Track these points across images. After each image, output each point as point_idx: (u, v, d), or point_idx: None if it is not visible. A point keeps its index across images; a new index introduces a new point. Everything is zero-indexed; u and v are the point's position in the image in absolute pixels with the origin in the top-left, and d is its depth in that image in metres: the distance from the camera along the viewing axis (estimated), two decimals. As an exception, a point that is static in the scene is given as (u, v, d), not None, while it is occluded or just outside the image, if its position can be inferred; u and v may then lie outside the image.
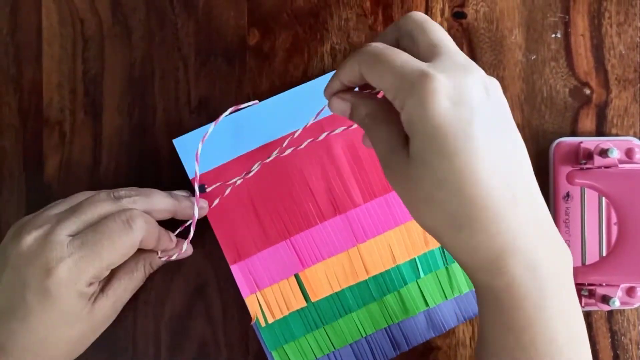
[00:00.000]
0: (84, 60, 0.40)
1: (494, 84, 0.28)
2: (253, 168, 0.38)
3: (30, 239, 0.32)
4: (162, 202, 0.35)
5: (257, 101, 0.38)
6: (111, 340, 0.39)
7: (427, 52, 0.28)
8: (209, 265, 0.40)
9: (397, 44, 0.30)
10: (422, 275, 0.39)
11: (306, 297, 0.39)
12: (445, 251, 0.39)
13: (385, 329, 0.39)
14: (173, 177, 0.39)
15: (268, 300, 0.39)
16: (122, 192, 0.35)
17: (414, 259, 0.39)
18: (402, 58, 0.27)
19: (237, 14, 0.40)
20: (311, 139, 0.39)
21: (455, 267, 0.40)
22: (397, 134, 0.28)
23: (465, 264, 0.28)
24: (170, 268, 0.39)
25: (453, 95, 0.26)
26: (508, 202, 0.26)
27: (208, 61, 0.40)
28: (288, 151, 0.38)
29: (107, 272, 0.33)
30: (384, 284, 0.39)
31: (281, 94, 0.39)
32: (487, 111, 0.26)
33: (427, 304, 0.39)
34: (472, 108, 0.26)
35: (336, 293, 0.39)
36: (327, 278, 0.39)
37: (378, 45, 0.28)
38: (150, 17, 0.40)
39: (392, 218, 0.39)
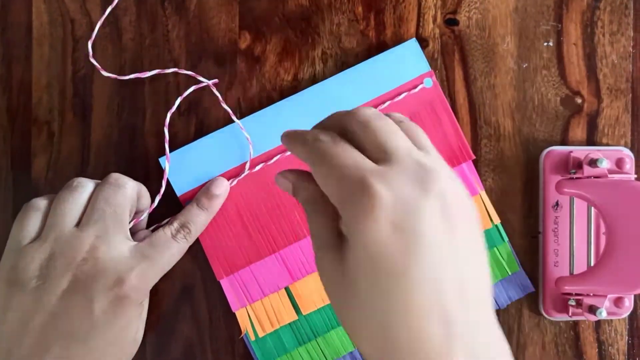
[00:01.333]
0: (73, 60, 0.40)
1: (460, 192, 0.24)
2: (239, 177, 0.38)
3: (84, 262, 0.33)
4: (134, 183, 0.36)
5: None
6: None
7: (376, 155, 0.24)
8: (196, 266, 0.39)
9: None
10: None
11: (297, 310, 0.39)
12: None
13: None
14: (160, 180, 0.39)
15: (258, 314, 0.39)
16: (114, 175, 0.35)
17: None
18: (346, 161, 0.24)
19: (228, 17, 0.40)
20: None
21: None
22: (332, 231, 0.25)
23: None
24: (157, 270, 0.39)
25: (395, 218, 0.22)
26: (441, 345, 0.23)
27: (198, 64, 0.40)
28: (274, 159, 0.38)
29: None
30: None
31: (268, 107, 0.39)
32: (440, 238, 0.23)
33: None
34: (417, 235, 0.22)
35: (327, 305, 0.39)
36: (317, 290, 0.39)
37: (324, 141, 0.25)
38: (141, 18, 0.40)
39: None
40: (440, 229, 0.23)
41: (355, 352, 0.39)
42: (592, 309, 0.37)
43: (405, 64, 0.39)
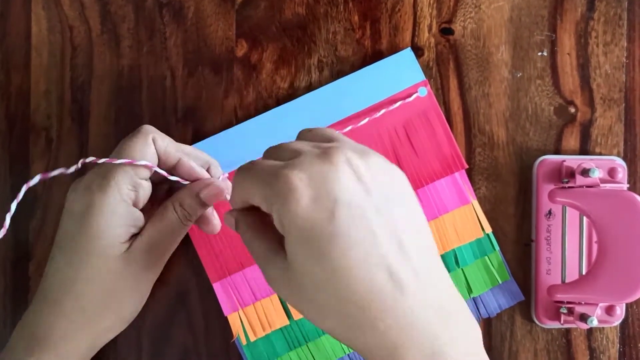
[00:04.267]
0: (72, 67, 0.40)
1: (370, 160, 0.26)
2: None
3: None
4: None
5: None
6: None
7: (287, 157, 0.27)
8: (191, 272, 0.40)
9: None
10: None
11: (289, 315, 0.39)
12: None
13: None
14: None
15: (250, 318, 0.39)
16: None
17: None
18: (262, 166, 0.27)
19: (225, 25, 0.40)
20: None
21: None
22: (270, 244, 0.27)
23: (363, 353, 0.26)
24: (154, 276, 0.39)
25: (312, 192, 0.25)
26: (392, 294, 0.25)
27: (195, 71, 0.40)
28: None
29: (143, 184, 0.34)
30: None
31: (263, 114, 0.40)
32: (358, 197, 0.25)
33: None
34: (335, 200, 0.25)
35: None
36: None
37: (242, 165, 0.28)
38: (139, 26, 0.40)
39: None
40: (357, 190, 0.25)
41: (344, 357, 0.39)
42: (584, 317, 0.38)
43: (400, 72, 0.40)
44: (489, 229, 0.40)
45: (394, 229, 0.25)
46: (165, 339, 0.40)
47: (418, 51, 0.40)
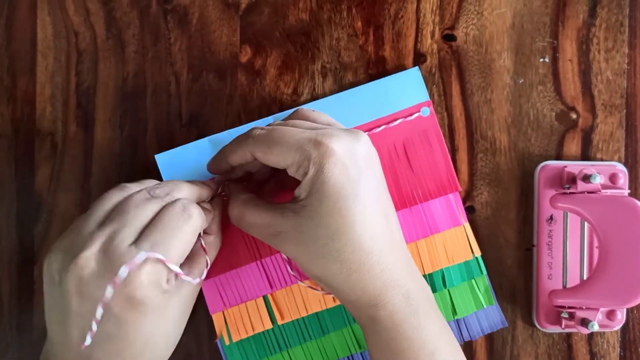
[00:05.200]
0: (77, 72, 0.40)
1: (373, 147, 0.33)
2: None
3: (89, 261, 0.29)
4: (191, 190, 0.35)
5: None
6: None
7: (314, 128, 0.33)
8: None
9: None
10: None
11: (273, 320, 0.39)
12: None
13: (348, 357, 0.40)
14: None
15: (234, 319, 0.39)
16: (158, 190, 0.33)
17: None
18: (294, 134, 0.31)
19: (229, 31, 0.41)
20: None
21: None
22: (271, 210, 0.33)
23: (354, 302, 0.33)
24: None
25: (344, 158, 0.31)
26: (386, 247, 0.32)
27: (200, 77, 0.41)
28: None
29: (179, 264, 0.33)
30: (349, 313, 0.40)
31: (265, 118, 0.40)
32: (370, 172, 0.32)
33: None
34: (360, 169, 0.31)
35: (303, 318, 0.39)
36: (294, 302, 0.39)
37: (268, 129, 0.32)
38: (144, 32, 0.41)
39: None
40: (373, 162, 0.33)
41: None
42: (585, 322, 0.38)
43: (405, 90, 0.40)
44: (478, 253, 0.40)
45: (386, 202, 0.33)
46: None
47: (421, 57, 0.41)
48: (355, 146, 0.32)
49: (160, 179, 0.39)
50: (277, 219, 0.32)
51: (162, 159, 0.39)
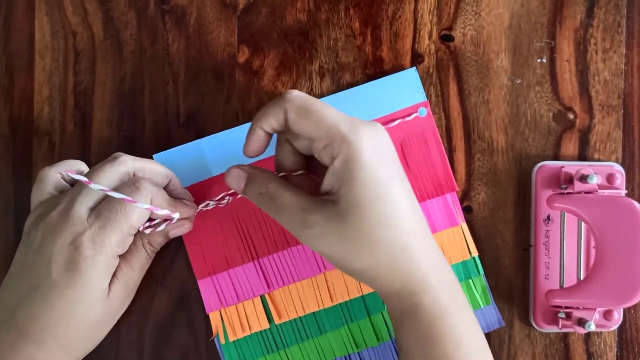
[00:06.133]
0: (75, 72, 0.40)
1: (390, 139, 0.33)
2: (228, 197, 0.39)
3: (53, 216, 0.33)
4: (159, 166, 0.36)
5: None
6: (95, 348, 0.39)
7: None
8: (192, 275, 0.40)
9: None
10: (386, 307, 0.40)
11: (270, 319, 0.39)
12: None
13: (345, 357, 0.40)
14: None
15: (231, 318, 0.39)
16: (121, 157, 0.35)
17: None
18: (332, 111, 0.31)
19: (227, 32, 0.41)
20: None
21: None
22: (305, 197, 0.32)
23: (398, 291, 0.32)
24: (154, 278, 0.40)
25: (375, 146, 0.31)
26: (423, 231, 0.32)
27: (197, 77, 0.41)
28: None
29: (130, 239, 0.35)
30: (347, 312, 0.40)
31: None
32: (396, 161, 0.32)
33: (389, 336, 0.40)
34: (390, 158, 0.32)
35: (299, 318, 0.40)
36: (292, 302, 0.39)
37: (306, 96, 0.32)
38: (142, 32, 0.41)
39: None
40: (394, 154, 0.33)
41: None
42: (581, 322, 0.38)
43: (402, 91, 0.40)
44: (475, 253, 0.40)
45: (410, 189, 0.33)
46: (166, 341, 0.40)
47: (418, 58, 0.41)
48: (381, 132, 0.32)
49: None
50: (314, 206, 0.31)
51: (160, 159, 0.39)
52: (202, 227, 0.39)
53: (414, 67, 0.40)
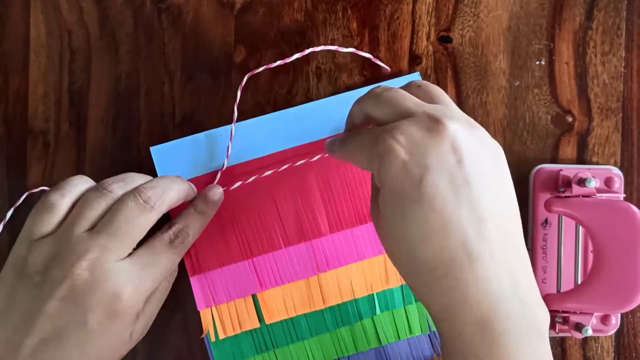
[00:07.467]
0: (70, 71, 0.40)
1: (474, 133, 0.28)
2: (233, 186, 0.39)
3: (83, 271, 0.31)
4: (179, 192, 0.35)
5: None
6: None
7: (392, 120, 0.29)
8: (186, 276, 0.40)
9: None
10: (378, 312, 0.39)
11: (260, 319, 0.39)
12: (405, 291, 0.40)
13: None
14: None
15: (222, 316, 0.39)
16: (148, 193, 0.34)
17: (373, 294, 0.40)
18: (406, 98, 0.30)
19: (224, 31, 0.40)
20: (289, 164, 0.39)
21: (413, 309, 0.40)
22: (373, 190, 0.32)
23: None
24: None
25: (406, 156, 0.27)
26: (460, 263, 0.26)
27: (194, 77, 0.40)
28: (265, 173, 0.39)
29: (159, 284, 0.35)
30: (339, 316, 0.39)
31: (261, 116, 0.40)
32: (448, 167, 0.27)
33: (379, 342, 0.40)
34: (426, 167, 0.26)
35: (291, 318, 0.39)
36: (283, 302, 0.39)
37: (385, 89, 0.31)
38: (138, 31, 0.40)
39: (355, 251, 0.39)
40: (450, 160, 0.27)
41: None
42: (579, 327, 0.38)
43: None
44: None
45: (477, 203, 0.27)
46: (160, 343, 0.40)
47: (416, 59, 0.41)
48: (427, 142, 0.27)
49: (154, 173, 0.39)
50: (371, 201, 0.32)
51: (157, 152, 0.39)
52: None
53: (417, 72, 0.40)
